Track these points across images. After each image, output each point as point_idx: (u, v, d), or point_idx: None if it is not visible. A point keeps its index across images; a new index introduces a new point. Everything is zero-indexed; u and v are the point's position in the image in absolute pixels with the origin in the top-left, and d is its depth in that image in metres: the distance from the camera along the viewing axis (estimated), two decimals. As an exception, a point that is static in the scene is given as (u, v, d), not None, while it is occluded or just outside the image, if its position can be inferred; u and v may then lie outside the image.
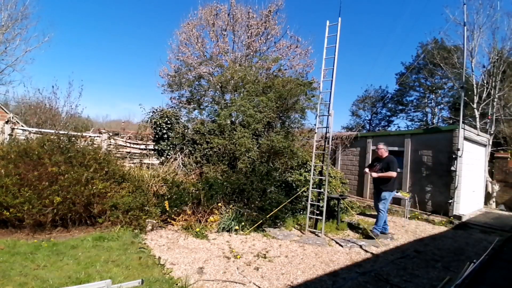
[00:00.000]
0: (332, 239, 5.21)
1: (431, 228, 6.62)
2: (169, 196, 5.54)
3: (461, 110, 8.04)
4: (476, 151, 9.22)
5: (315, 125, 6.94)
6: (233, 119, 8.28)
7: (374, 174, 5.61)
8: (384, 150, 5.82)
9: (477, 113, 12.56)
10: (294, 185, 6.60)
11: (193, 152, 7.93)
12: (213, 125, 8.09)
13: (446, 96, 22.91)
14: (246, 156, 7.17)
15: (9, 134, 6.43)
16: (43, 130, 7.03)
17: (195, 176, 7.23)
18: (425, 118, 24.14)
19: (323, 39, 6.08)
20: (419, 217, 7.44)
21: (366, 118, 27.74)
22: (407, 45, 36.82)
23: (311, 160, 6.03)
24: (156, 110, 8.44)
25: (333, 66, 5.79)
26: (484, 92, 12.52)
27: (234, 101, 8.29)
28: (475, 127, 11.08)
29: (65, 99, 10.72)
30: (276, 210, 5.59)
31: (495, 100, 12.52)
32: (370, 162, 6.47)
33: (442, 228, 6.64)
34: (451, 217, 7.29)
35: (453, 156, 7.60)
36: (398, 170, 8.87)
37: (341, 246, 4.88)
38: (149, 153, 8.20)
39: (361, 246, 4.89)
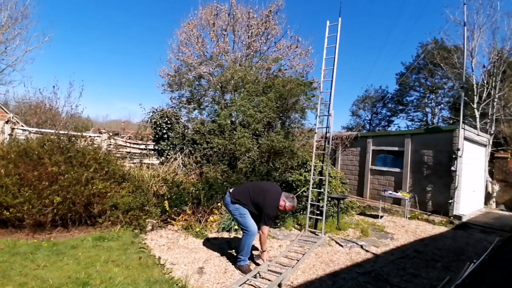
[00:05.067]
0: (332, 239, 5.21)
1: (431, 228, 6.61)
2: (169, 196, 5.54)
3: (461, 110, 8.03)
4: (476, 151, 9.22)
5: (315, 125, 6.95)
6: (233, 119, 8.28)
7: None
8: None
9: (477, 113, 12.56)
10: (294, 185, 6.60)
11: (193, 152, 7.93)
12: (213, 125, 8.09)
13: (446, 96, 22.95)
14: (246, 156, 7.17)
15: (9, 134, 6.43)
16: (43, 130, 7.03)
17: (195, 176, 7.23)
18: (425, 118, 24.18)
19: (323, 39, 6.08)
20: (419, 217, 7.44)
21: (366, 118, 27.80)
22: (407, 45, 36.93)
23: (311, 160, 6.03)
24: (156, 110, 8.44)
25: (333, 66, 5.79)
26: (484, 92, 12.51)
27: (234, 101, 8.29)
28: (475, 127, 11.07)
29: (66, 99, 10.74)
30: (276, 210, 5.58)
31: (495, 100, 12.51)
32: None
33: (442, 228, 6.63)
34: (451, 217, 7.28)
35: (453, 156, 7.60)
36: (398, 169, 8.73)
37: (341, 246, 4.88)
38: (149, 153, 8.20)
39: (361, 246, 4.89)
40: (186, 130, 8.39)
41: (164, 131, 8.10)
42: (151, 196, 5.46)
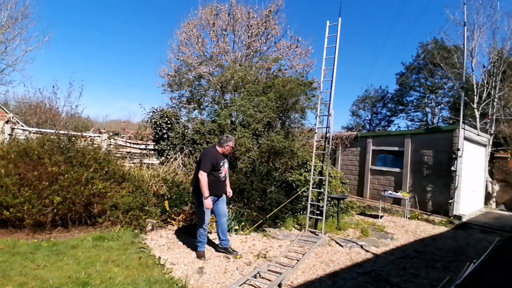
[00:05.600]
0: (332, 239, 5.21)
1: (431, 228, 6.61)
2: (169, 196, 5.54)
3: (461, 110, 8.03)
4: (476, 151, 9.22)
5: (315, 125, 6.95)
6: (233, 119, 8.27)
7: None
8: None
9: (477, 113, 12.56)
10: (294, 185, 6.60)
11: (193, 152, 7.92)
12: (213, 125, 8.08)
13: (446, 96, 22.97)
14: (246, 156, 7.17)
15: (9, 134, 6.43)
16: (43, 130, 7.02)
17: (195, 176, 7.23)
18: (425, 118, 24.19)
19: (323, 39, 6.08)
20: (419, 217, 7.44)
21: (366, 118, 27.80)
22: (407, 45, 36.90)
23: (311, 160, 6.03)
24: (156, 110, 8.44)
25: (333, 66, 5.79)
26: (484, 92, 12.51)
27: (234, 101, 8.29)
28: (475, 127, 11.08)
29: (65, 99, 10.75)
30: (276, 210, 5.59)
31: (495, 100, 12.52)
32: (213, 163, 3.90)
33: (442, 228, 6.63)
34: (451, 217, 7.28)
35: (453, 156, 7.60)
36: (398, 169, 8.57)
37: (341, 246, 4.88)
38: (149, 153, 8.19)
39: (361, 246, 4.89)
40: (186, 130, 8.39)
41: (164, 131, 8.09)
42: (151, 196, 5.45)
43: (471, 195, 8.68)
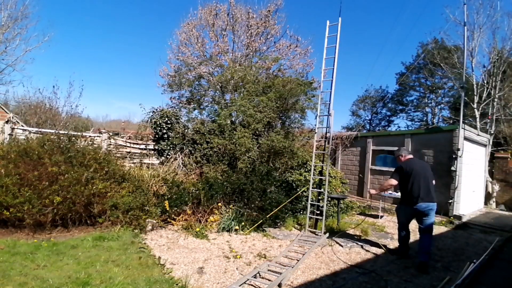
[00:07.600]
0: (332, 239, 5.21)
1: (431, 228, 6.60)
2: (169, 196, 5.54)
3: (461, 110, 8.03)
4: (476, 151, 9.22)
5: (315, 125, 6.95)
6: (233, 119, 8.28)
7: (372, 191, 4.91)
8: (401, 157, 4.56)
9: (477, 113, 12.56)
10: (294, 185, 6.60)
11: (193, 152, 7.92)
12: (213, 125, 8.09)
13: (446, 96, 22.97)
14: (246, 156, 7.17)
15: (9, 134, 6.43)
16: (43, 130, 7.03)
17: (195, 176, 7.23)
18: (425, 118, 24.19)
19: (323, 38, 6.08)
20: (419, 217, 7.43)
21: (366, 118, 27.80)
22: (408, 45, 36.87)
23: (311, 160, 6.03)
24: (156, 110, 8.43)
25: (333, 66, 5.79)
26: (484, 92, 12.51)
27: (234, 101, 8.29)
28: (475, 127, 11.07)
29: (65, 99, 10.72)
30: (276, 210, 5.59)
31: (495, 100, 12.51)
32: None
33: (442, 228, 6.63)
34: (451, 217, 7.28)
35: (453, 156, 7.60)
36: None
37: (341, 246, 4.88)
38: (149, 153, 8.19)
39: (361, 246, 4.89)
40: (186, 130, 8.38)
41: (164, 131, 8.09)
42: (151, 196, 5.46)
43: (471, 195, 8.68)
